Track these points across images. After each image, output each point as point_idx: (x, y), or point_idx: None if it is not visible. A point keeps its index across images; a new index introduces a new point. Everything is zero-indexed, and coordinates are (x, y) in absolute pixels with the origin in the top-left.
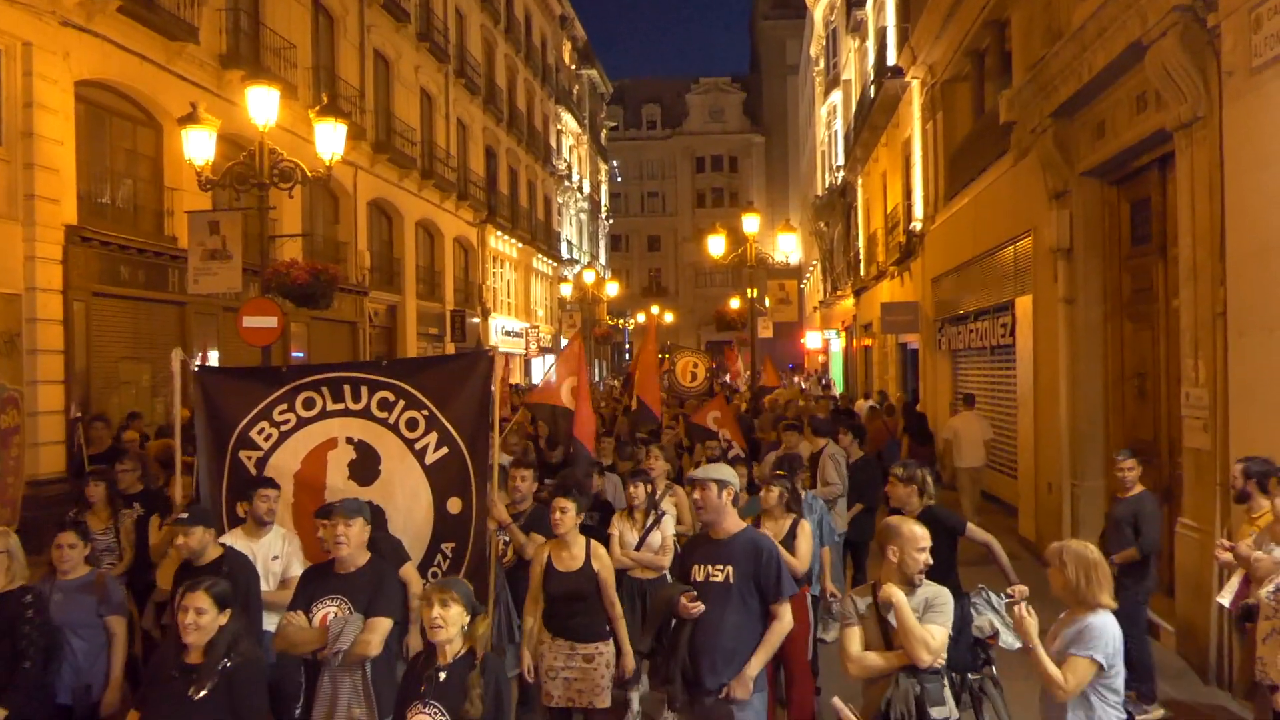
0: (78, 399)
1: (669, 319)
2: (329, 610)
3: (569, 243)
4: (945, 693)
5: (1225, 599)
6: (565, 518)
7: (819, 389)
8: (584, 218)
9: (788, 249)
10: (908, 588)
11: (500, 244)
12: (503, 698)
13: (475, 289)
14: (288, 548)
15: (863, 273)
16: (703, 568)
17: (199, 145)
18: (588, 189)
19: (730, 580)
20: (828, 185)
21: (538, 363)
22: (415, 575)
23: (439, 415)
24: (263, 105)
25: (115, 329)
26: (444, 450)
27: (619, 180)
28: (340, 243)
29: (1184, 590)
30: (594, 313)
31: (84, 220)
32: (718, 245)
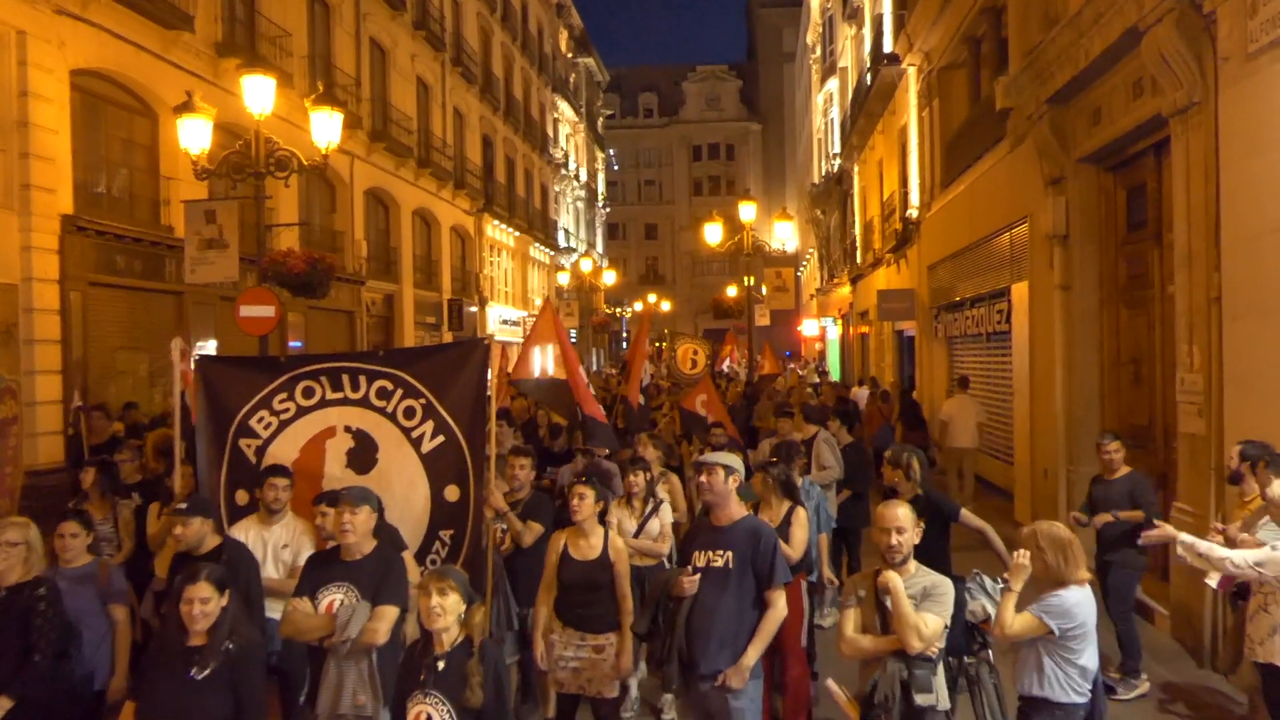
0: (79, 388)
1: (666, 307)
2: (335, 597)
3: (566, 231)
4: (935, 681)
5: (1213, 581)
6: (583, 505)
7: (815, 376)
8: (581, 206)
9: (784, 237)
10: (899, 571)
11: (497, 233)
12: (503, 685)
13: (472, 278)
14: (298, 536)
15: (859, 260)
16: (704, 553)
17: (195, 134)
18: (584, 177)
19: (730, 566)
20: (824, 173)
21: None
22: (413, 563)
23: (435, 404)
24: (259, 94)
25: (112, 319)
26: (440, 438)
27: (616, 168)
28: (337, 232)
29: (1179, 574)
30: (591, 301)
31: (80, 210)
32: (714, 233)
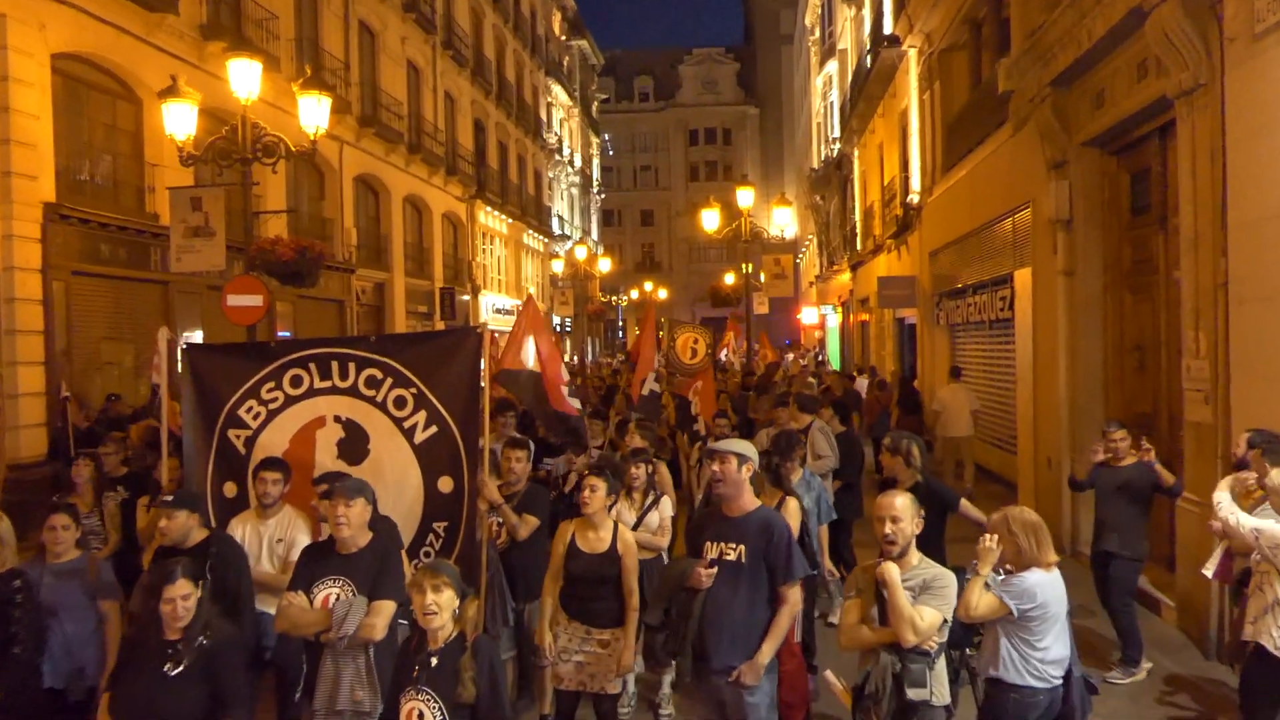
0: (65, 378)
1: (663, 295)
2: (331, 591)
3: (560, 218)
4: (930, 676)
5: (1209, 570)
6: (595, 497)
7: (815, 364)
8: (575, 192)
9: (783, 223)
10: (900, 562)
11: (490, 219)
12: (498, 680)
13: (465, 265)
14: (291, 530)
15: (859, 247)
16: (715, 545)
17: (180, 119)
18: (579, 163)
19: (743, 560)
20: (823, 158)
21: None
22: (404, 559)
23: (427, 393)
24: (245, 78)
25: (96, 308)
26: (433, 429)
27: (611, 154)
28: (326, 219)
29: (1184, 564)
30: (586, 289)
31: (63, 197)
32: (712, 220)
